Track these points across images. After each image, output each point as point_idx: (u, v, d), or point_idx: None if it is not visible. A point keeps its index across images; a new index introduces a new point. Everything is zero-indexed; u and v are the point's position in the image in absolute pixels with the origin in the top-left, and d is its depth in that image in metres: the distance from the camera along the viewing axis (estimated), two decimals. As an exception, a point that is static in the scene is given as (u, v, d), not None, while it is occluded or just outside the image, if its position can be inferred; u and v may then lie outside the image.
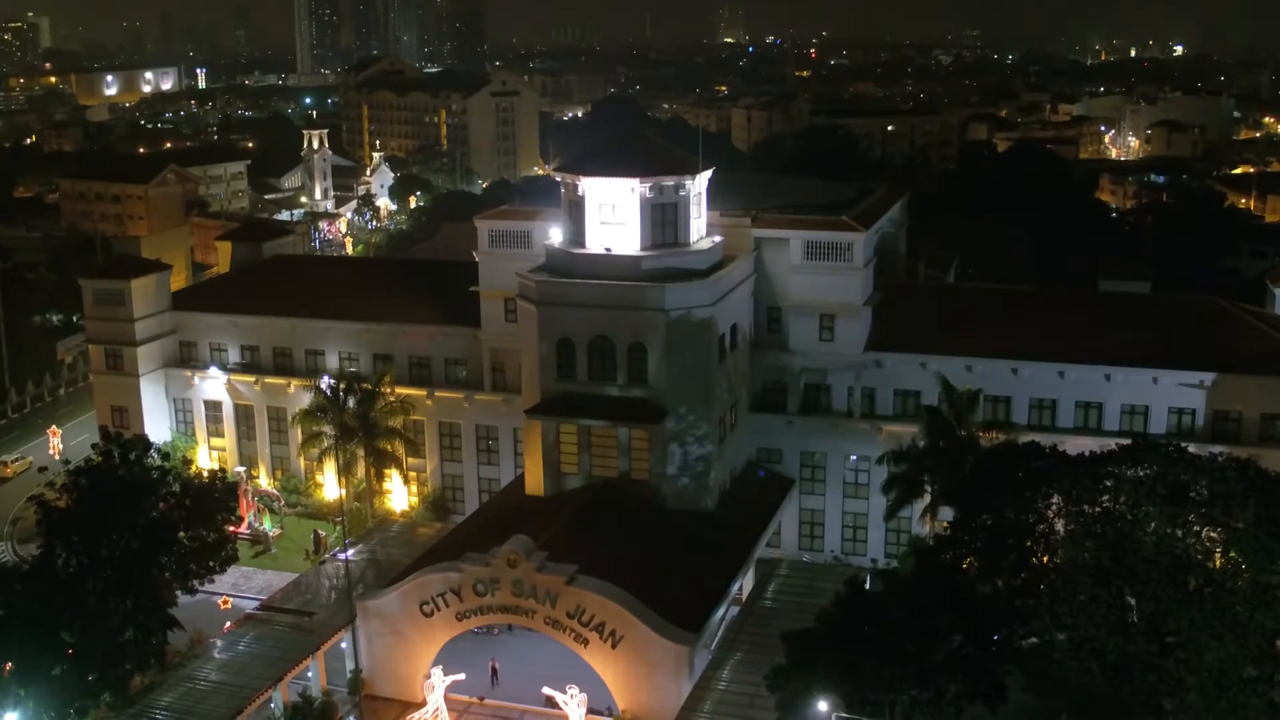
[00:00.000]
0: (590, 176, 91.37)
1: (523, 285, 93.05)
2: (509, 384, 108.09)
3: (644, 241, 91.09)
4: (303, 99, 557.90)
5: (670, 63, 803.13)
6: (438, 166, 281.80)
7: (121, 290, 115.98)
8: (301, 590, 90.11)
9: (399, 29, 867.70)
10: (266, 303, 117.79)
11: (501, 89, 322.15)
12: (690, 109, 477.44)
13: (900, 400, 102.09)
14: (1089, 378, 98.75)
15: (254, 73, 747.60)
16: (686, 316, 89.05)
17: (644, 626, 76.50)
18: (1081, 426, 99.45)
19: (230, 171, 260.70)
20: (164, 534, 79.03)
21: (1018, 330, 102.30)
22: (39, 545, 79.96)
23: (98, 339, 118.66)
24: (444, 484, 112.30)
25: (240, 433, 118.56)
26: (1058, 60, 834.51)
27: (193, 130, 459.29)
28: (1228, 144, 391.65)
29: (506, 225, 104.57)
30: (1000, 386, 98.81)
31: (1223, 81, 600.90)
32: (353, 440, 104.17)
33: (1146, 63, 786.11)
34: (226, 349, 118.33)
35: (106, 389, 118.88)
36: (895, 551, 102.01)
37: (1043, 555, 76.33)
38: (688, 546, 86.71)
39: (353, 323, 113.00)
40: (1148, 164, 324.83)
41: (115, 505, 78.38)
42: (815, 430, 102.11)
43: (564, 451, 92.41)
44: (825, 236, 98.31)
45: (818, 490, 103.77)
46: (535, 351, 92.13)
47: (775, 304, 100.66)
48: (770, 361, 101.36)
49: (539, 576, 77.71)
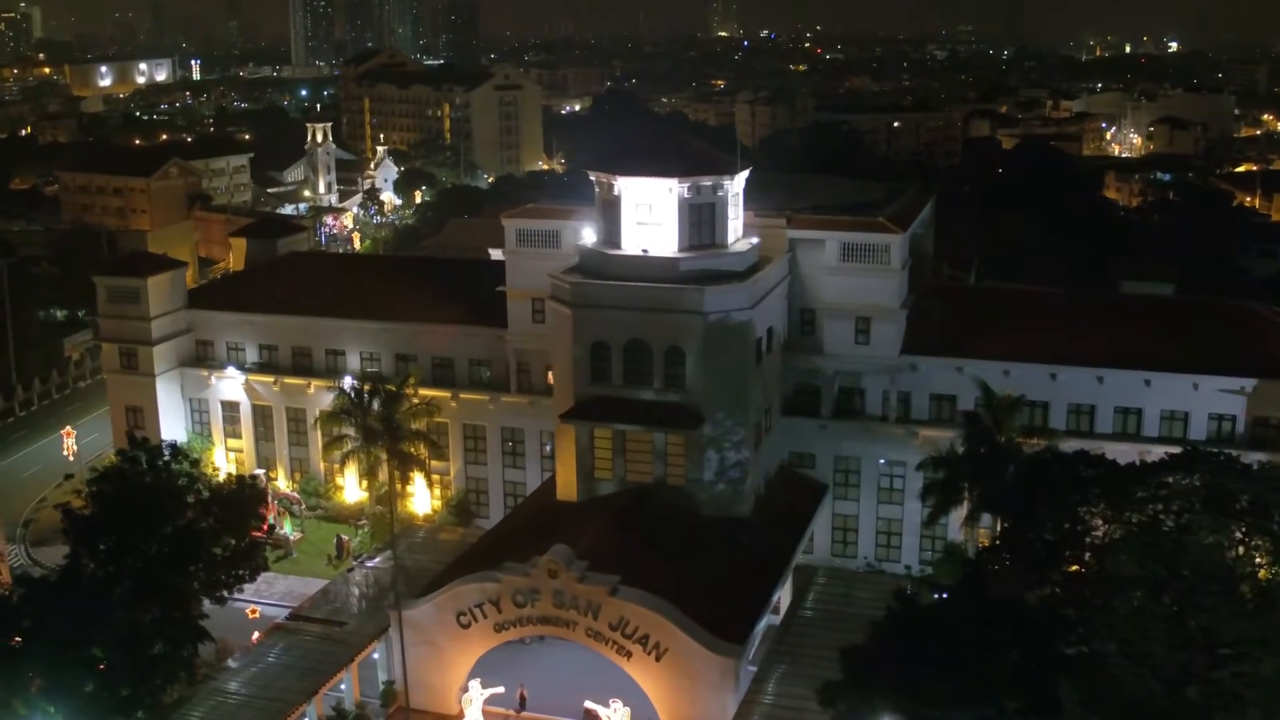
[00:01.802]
0: (627, 176, 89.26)
1: (555, 287, 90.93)
2: (535, 385, 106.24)
3: (681, 243, 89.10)
4: (298, 91, 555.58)
5: (665, 56, 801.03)
6: (441, 160, 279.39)
7: (137, 288, 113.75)
8: (330, 599, 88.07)
9: (393, 21, 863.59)
10: (285, 301, 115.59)
11: (505, 82, 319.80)
12: (688, 103, 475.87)
13: (935, 404, 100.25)
14: (1128, 383, 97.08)
15: (248, 64, 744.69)
16: (725, 320, 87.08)
17: (688, 639, 74.69)
18: (1120, 432, 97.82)
19: (233, 165, 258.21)
20: (193, 542, 76.77)
21: (1055, 334, 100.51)
22: (66, 556, 77.46)
23: (112, 337, 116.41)
24: (468, 487, 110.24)
25: (258, 434, 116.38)
26: (1052, 56, 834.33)
27: (188, 122, 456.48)
28: (1229, 141, 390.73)
29: (535, 224, 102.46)
30: (1038, 391, 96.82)
31: (1220, 78, 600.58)
32: (377, 443, 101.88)
33: (1144, 59, 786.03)
34: (244, 348, 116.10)
35: (121, 388, 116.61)
36: (929, 558, 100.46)
37: (1094, 565, 74.82)
38: (725, 554, 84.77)
39: (374, 322, 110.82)
40: (1151, 161, 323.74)
41: (142, 513, 76.15)
42: (849, 434, 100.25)
43: (598, 456, 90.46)
44: (862, 238, 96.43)
45: (851, 495, 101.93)
46: (568, 354, 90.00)
47: (809, 306, 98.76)
48: (803, 364, 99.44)
49: (580, 587, 75.83)
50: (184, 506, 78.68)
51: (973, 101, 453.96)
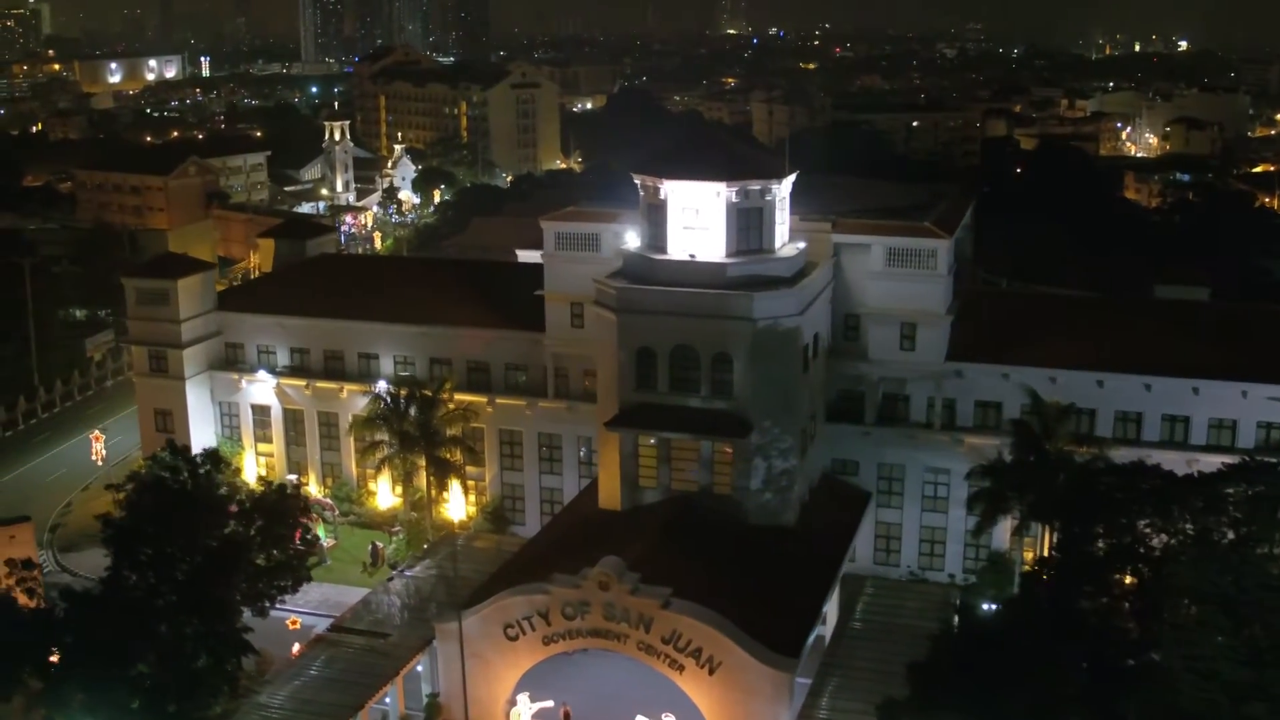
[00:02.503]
0: (673, 179, 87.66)
1: (600, 292, 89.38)
2: (572, 391, 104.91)
3: (728, 247, 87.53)
4: (308, 88, 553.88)
5: (675, 54, 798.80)
6: (459, 159, 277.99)
7: (167, 290, 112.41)
8: (371, 609, 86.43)
9: (403, 18, 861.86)
10: (316, 304, 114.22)
11: (522, 81, 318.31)
12: (701, 101, 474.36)
13: (981, 411, 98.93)
14: (1176, 390, 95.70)
15: (257, 61, 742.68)
16: (773, 326, 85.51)
17: (742, 652, 73.11)
18: (1168, 440, 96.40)
19: (250, 163, 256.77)
20: (236, 553, 75.21)
21: (1101, 340, 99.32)
22: (107, 569, 75.79)
23: (141, 340, 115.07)
24: (503, 494, 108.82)
25: (289, 438, 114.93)
26: (1062, 54, 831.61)
27: (199, 119, 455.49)
28: (1244, 141, 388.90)
29: (574, 227, 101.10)
30: (1085, 398, 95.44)
31: (1232, 78, 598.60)
32: (413, 449, 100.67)
33: (1155, 58, 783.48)
34: (275, 351, 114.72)
35: (150, 392, 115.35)
36: (974, 567, 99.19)
37: (1151, 577, 73.48)
38: (774, 564, 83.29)
39: (410, 326, 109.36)
40: (1169, 161, 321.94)
41: (184, 524, 74.61)
42: (893, 441, 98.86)
43: (642, 464, 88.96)
44: (908, 243, 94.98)
45: (894, 503, 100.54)
46: (613, 360, 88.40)
47: (853, 311, 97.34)
48: (847, 370, 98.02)
49: (633, 600, 74.27)
50: (225, 516, 77.04)
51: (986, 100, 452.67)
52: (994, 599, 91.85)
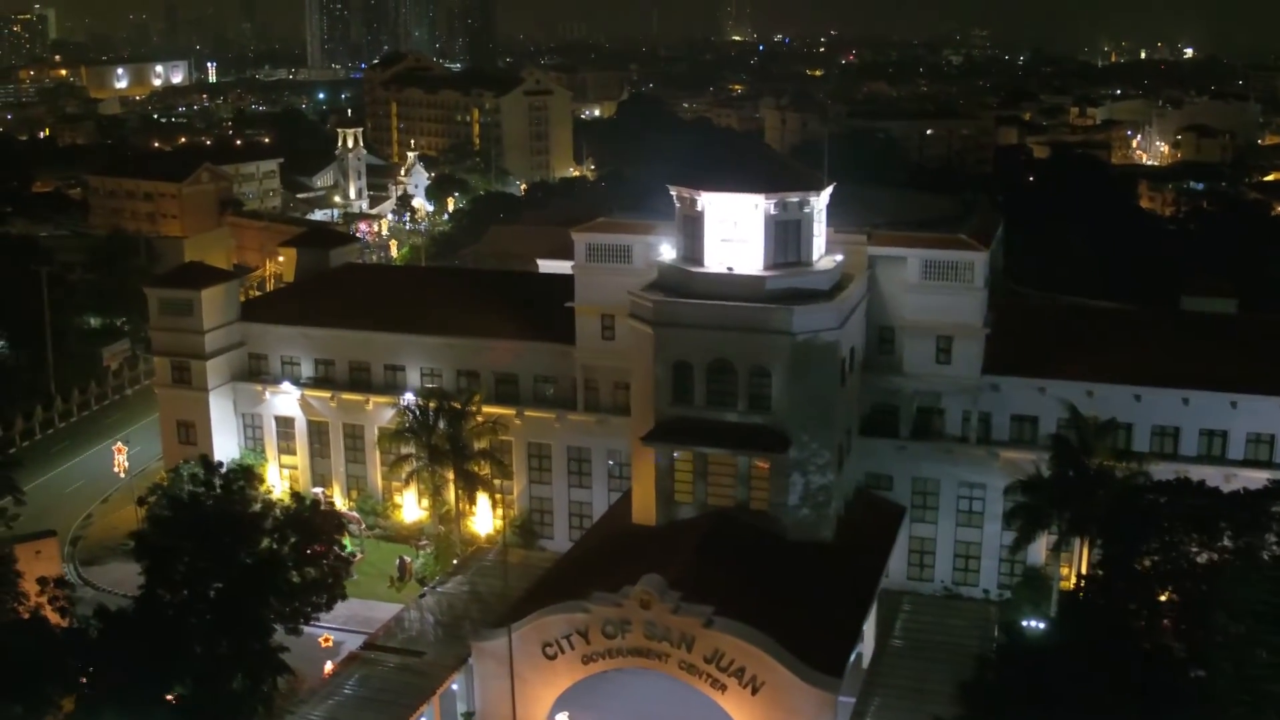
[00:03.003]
0: (711, 191, 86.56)
1: (635, 305, 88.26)
2: (602, 403, 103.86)
3: (766, 260, 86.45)
4: (315, 94, 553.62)
5: (681, 60, 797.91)
6: (472, 166, 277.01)
7: (191, 300, 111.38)
8: (404, 626, 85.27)
9: (410, 24, 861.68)
10: (341, 314, 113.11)
11: (535, 88, 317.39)
12: (710, 108, 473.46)
13: (1016, 426, 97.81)
14: (1214, 405, 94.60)
15: (263, 67, 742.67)
16: (812, 340, 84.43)
17: (787, 672, 71.93)
18: (1205, 455, 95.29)
19: (262, 170, 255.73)
20: (272, 571, 73.98)
21: (1137, 354, 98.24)
22: (141, 587, 74.45)
23: (164, 351, 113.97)
24: (531, 507, 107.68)
25: (313, 450, 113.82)
26: (1068, 61, 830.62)
27: (206, 125, 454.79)
28: (1255, 149, 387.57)
29: (606, 239, 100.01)
30: (1121, 412, 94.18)
31: (1240, 85, 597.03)
32: (443, 463, 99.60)
33: (1163, 65, 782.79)
34: (299, 363, 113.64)
35: (172, 403, 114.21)
36: (1009, 583, 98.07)
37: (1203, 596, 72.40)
38: (812, 581, 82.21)
39: (437, 337, 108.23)
40: (1183, 170, 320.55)
41: (220, 542, 73.38)
42: (928, 456, 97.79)
43: (678, 479, 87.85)
44: (945, 255, 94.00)
45: (929, 518, 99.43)
46: (649, 374, 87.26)
47: (888, 324, 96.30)
48: (882, 384, 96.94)
49: (674, 619, 73.11)
50: (259, 533, 75.77)
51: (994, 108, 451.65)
52: (1032, 615, 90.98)
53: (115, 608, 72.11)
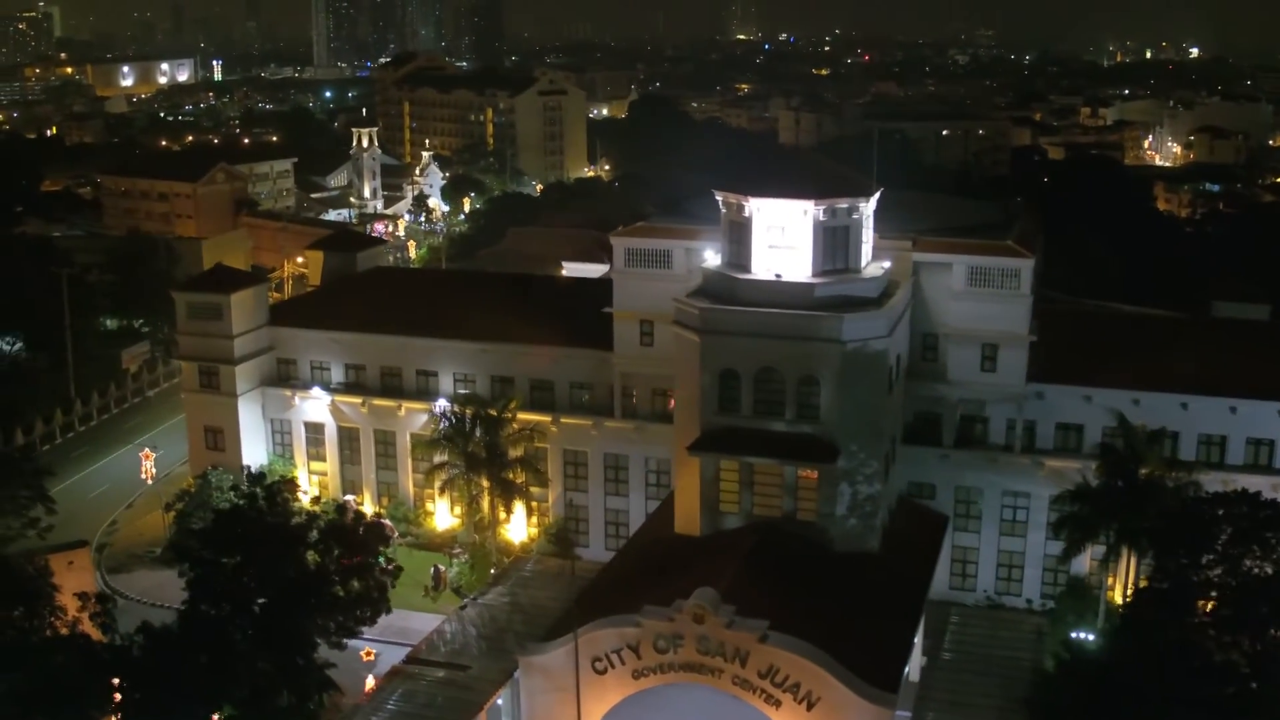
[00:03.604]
0: (759, 197, 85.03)
1: (680, 312, 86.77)
2: (640, 410, 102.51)
3: (814, 267, 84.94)
4: (322, 92, 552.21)
5: (687, 59, 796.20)
6: (486, 166, 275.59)
7: (220, 304, 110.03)
8: (446, 639, 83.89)
9: (416, 23, 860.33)
10: (372, 319, 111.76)
11: (549, 88, 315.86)
12: (720, 108, 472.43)
13: (1061, 434, 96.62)
14: (1262, 413, 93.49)
15: (269, 65, 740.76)
16: (862, 349, 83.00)
17: (843, 687, 70.37)
18: (1252, 464, 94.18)
19: (276, 170, 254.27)
20: (317, 585, 72.47)
21: (1183, 361, 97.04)
22: (185, 603, 72.71)
23: (191, 355, 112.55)
24: (567, 515, 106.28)
25: (343, 457, 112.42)
26: (1074, 61, 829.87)
27: (214, 123, 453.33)
28: (1268, 151, 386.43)
29: (646, 243, 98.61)
30: (1168, 421, 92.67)
31: (1248, 85, 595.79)
32: (479, 471, 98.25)
33: (1170, 65, 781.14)
34: (329, 368, 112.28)
35: (200, 408, 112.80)
36: (1052, 593, 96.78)
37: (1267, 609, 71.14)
38: (862, 593, 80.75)
39: (471, 342, 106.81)
40: (1197, 172, 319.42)
41: (264, 555, 71.85)
42: (971, 464, 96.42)
43: (723, 489, 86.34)
44: (991, 262, 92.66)
45: (971, 527, 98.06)
46: (694, 382, 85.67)
47: (931, 331, 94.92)
48: (925, 392, 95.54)
49: (728, 633, 71.58)
50: (304, 546, 74.14)
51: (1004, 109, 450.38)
52: (1080, 627, 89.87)
53: (158, 623, 70.59)
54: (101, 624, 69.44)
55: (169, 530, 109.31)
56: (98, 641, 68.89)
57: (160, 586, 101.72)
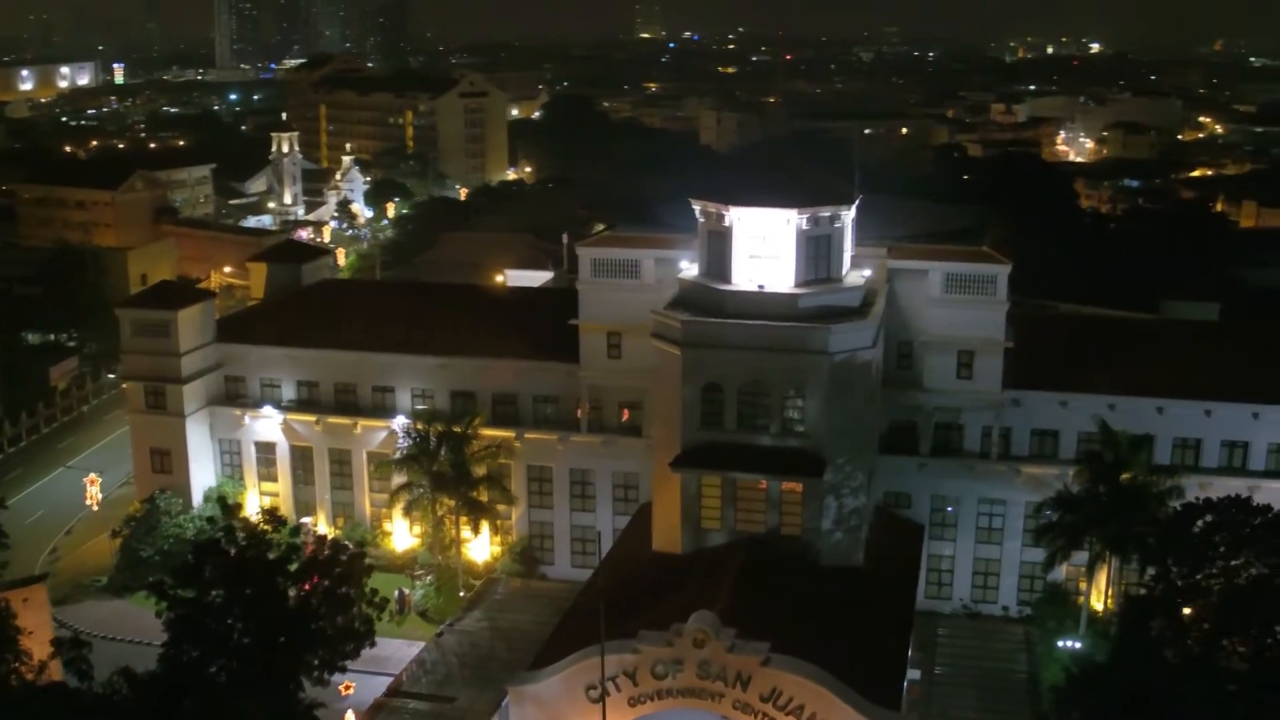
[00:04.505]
0: (740, 206, 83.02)
1: (661, 325, 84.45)
2: (607, 424, 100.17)
3: (798, 277, 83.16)
4: (227, 95, 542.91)
5: (595, 59, 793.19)
6: (408, 170, 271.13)
7: (167, 321, 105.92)
8: (427, 668, 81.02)
9: (321, 24, 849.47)
10: (325, 333, 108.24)
11: (470, 89, 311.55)
12: (636, 108, 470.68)
13: (1038, 440, 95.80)
14: (1236, 416, 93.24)
15: (172, 68, 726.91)
16: (849, 359, 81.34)
17: (849, 709, 68.43)
18: (1226, 466, 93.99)
19: (194, 176, 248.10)
20: (304, 623, 69.19)
21: (1157, 365, 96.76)
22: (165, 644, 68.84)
23: (137, 375, 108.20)
24: (531, 533, 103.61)
25: (297, 477, 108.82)
26: (979, 57, 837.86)
27: (119, 128, 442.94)
28: (1179, 145, 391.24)
29: (613, 253, 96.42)
30: (1144, 425, 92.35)
31: (1153, 80, 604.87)
32: (446, 491, 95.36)
33: (1076, 61, 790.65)
34: (280, 385, 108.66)
35: (146, 430, 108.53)
36: (1029, 599, 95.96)
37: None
38: (853, 608, 79.08)
39: (434, 357, 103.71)
40: (1115, 167, 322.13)
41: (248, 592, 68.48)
42: (949, 473, 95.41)
43: (705, 505, 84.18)
44: (968, 269, 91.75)
45: (948, 535, 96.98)
46: (676, 397, 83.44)
47: (907, 339, 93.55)
48: (902, 400, 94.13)
49: (730, 657, 69.47)
50: (288, 579, 70.69)
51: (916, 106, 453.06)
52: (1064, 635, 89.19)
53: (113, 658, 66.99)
54: (78, 670, 65.38)
55: (115, 557, 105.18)
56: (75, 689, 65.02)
57: (114, 618, 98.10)
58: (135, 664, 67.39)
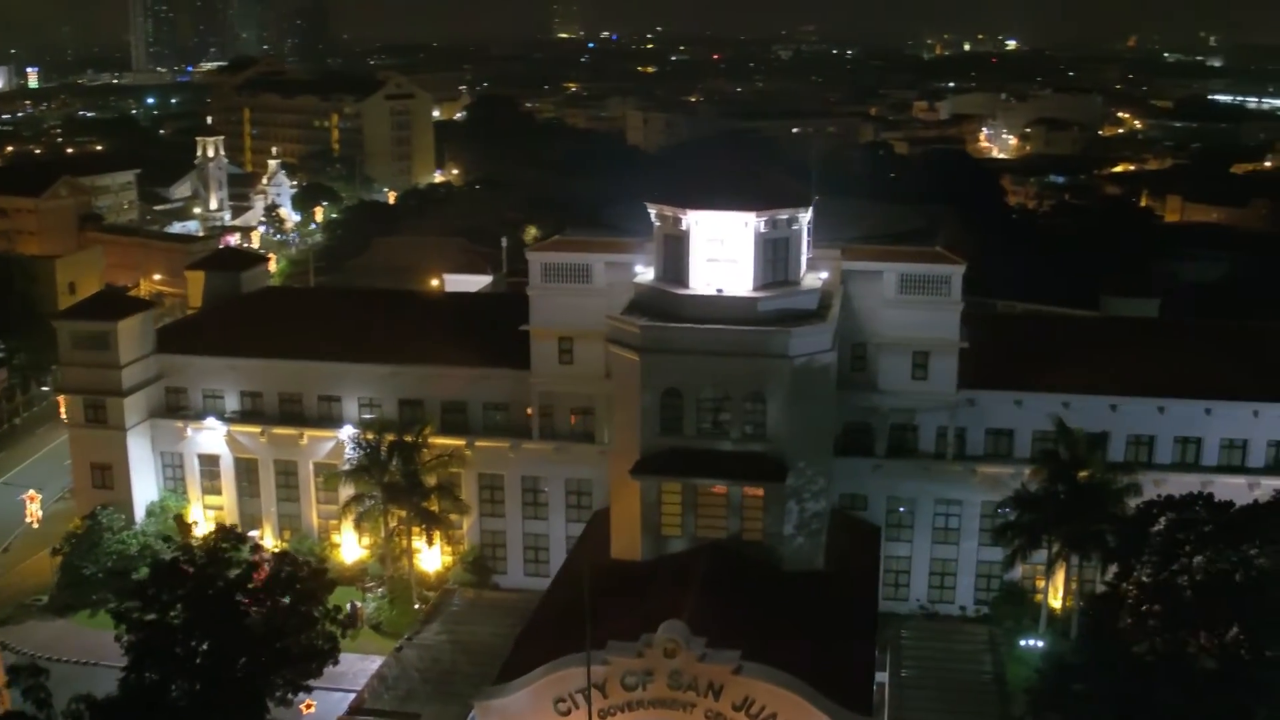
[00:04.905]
0: (698, 209, 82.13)
1: (618, 330, 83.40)
2: (558, 431, 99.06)
3: (756, 280, 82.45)
4: (144, 98, 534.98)
5: (516, 59, 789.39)
6: (335, 174, 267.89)
7: (107, 333, 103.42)
8: (388, 684, 79.52)
9: (238, 26, 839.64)
10: (267, 342, 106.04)
11: (396, 91, 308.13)
12: (556, 108, 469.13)
13: (992, 440, 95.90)
14: (1190, 412, 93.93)
15: (87, 71, 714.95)
16: (810, 363, 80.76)
17: (822, 716, 67.91)
18: (1179, 462, 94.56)
19: (119, 182, 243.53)
20: (268, 641, 67.53)
21: (1110, 363, 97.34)
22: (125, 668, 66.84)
23: (76, 388, 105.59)
24: (483, 542, 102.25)
25: (241, 489, 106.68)
26: (896, 55, 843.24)
27: (33, 132, 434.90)
28: (1101, 141, 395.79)
29: (563, 258, 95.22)
30: (1098, 422, 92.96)
31: (1071, 77, 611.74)
32: (399, 501, 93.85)
33: (994, 58, 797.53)
34: (223, 396, 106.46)
35: (86, 444, 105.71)
36: (985, 598, 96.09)
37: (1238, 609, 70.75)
38: (818, 612, 78.45)
39: (378, 365, 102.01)
40: (1040, 163, 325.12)
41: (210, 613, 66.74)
42: (905, 474, 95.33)
43: (665, 512, 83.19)
44: (922, 269, 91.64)
45: (904, 537, 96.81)
46: (634, 403, 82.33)
47: (861, 341, 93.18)
48: (857, 402, 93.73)
49: (701, 666, 68.69)
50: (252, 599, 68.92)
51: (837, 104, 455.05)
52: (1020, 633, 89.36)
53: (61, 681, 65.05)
54: (36, 699, 63.34)
55: (56, 576, 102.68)
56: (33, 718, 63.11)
57: (58, 639, 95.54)
58: (84, 686, 65.93)
